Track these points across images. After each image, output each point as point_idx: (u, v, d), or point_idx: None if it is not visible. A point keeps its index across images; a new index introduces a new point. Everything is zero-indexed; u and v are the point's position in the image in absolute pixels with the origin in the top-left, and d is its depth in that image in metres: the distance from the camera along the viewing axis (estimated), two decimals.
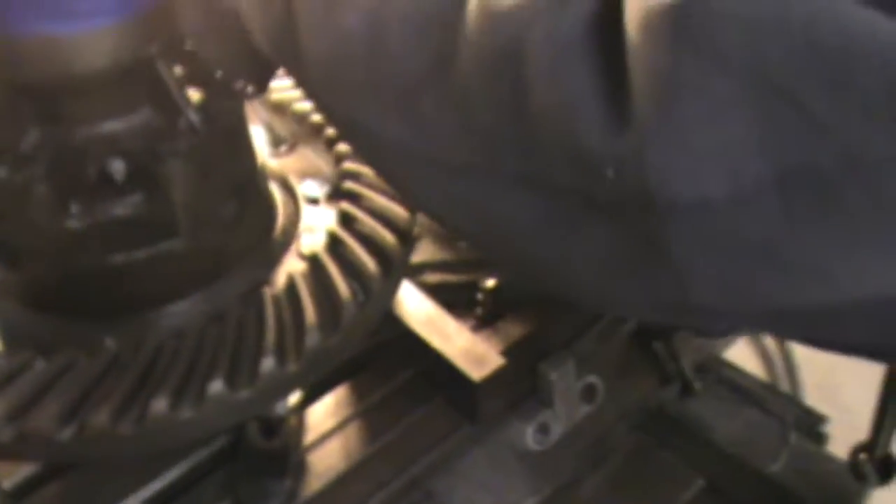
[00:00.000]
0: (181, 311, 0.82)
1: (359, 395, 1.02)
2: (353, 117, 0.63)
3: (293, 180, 0.97)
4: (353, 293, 0.79)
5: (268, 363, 0.73)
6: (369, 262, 0.81)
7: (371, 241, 0.84)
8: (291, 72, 0.69)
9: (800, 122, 0.43)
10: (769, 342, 2.09)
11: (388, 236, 0.84)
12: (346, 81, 0.61)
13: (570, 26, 0.48)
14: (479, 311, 1.11)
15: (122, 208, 0.77)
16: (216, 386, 0.71)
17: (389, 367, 1.04)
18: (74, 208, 0.75)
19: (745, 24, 0.43)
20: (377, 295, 0.81)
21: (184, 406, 0.71)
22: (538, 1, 0.50)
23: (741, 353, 2.04)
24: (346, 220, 0.86)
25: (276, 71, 0.79)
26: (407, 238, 0.86)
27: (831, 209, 0.44)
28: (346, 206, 0.87)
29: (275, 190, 0.95)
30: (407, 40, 0.56)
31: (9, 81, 0.74)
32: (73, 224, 0.75)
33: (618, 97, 0.47)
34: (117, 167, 0.77)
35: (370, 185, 0.90)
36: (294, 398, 0.98)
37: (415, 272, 1.12)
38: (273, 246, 0.88)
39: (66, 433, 0.69)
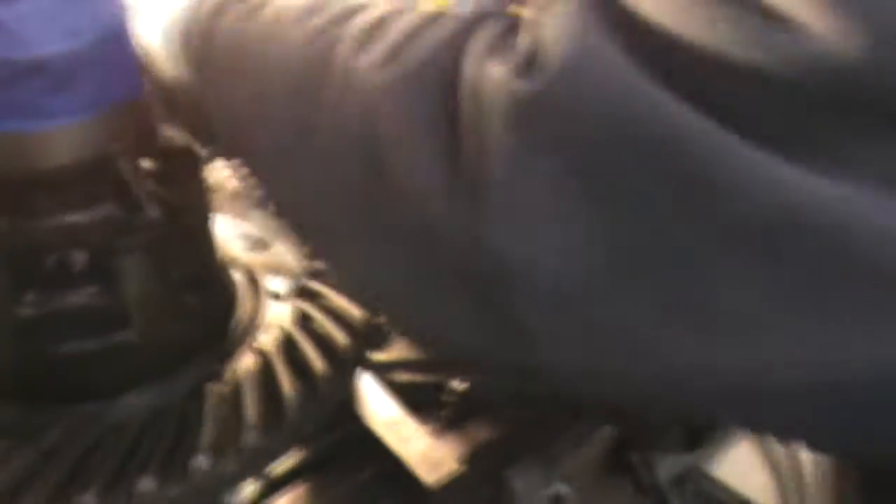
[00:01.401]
0: (129, 404, 0.82)
1: (317, 493, 1.02)
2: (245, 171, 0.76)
3: (260, 275, 0.98)
4: (298, 393, 0.79)
5: (201, 460, 0.73)
6: (318, 362, 0.82)
7: (324, 341, 0.85)
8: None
9: (626, 213, 0.47)
10: (779, 453, 2.05)
11: (340, 337, 0.85)
12: (238, 145, 0.73)
13: (418, 98, 0.53)
14: (444, 412, 1.11)
15: (77, 298, 0.78)
16: (146, 483, 0.71)
17: (350, 467, 1.04)
18: (29, 296, 0.77)
19: (579, 119, 0.47)
20: (323, 395, 0.81)
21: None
22: (394, 70, 0.55)
23: (748, 465, 2.00)
24: (301, 318, 0.87)
25: None
26: (360, 339, 0.87)
27: (647, 287, 0.48)
28: (302, 304, 0.88)
29: (239, 283, 0.97)
30: (279, 111, 0.63)
31: None
32: (25, 312, 0.77)
33: (457, 169, 0.51)
34: (75, 259, 0.79)
35: (333, 284, 0.91)
36: (247, 494, 0.98)
37: (385, 370, 1.13)
38: (229, 340, 0.89)
39: None
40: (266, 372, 0.81)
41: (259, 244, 1.04)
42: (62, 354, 0.80)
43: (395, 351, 1.15)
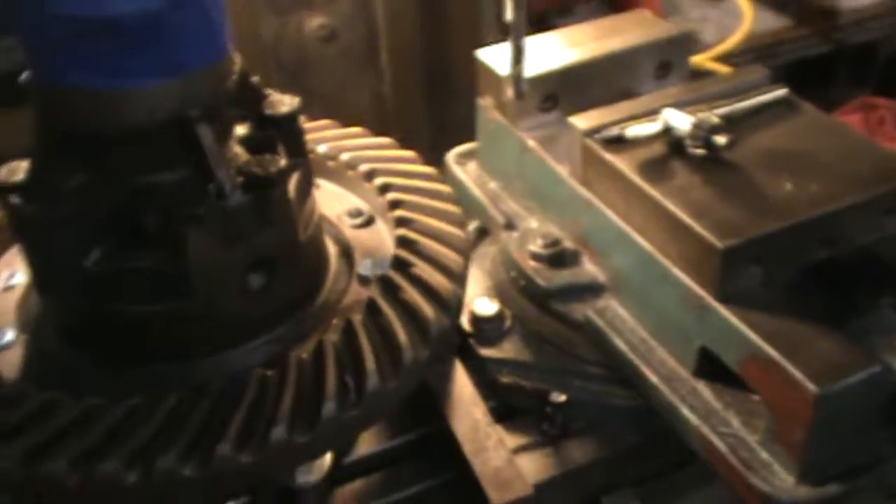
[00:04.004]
0: (203, 370, 0.81)
1: (388, 487, 0.97)
2: None
3: (357, 255, 0.94)
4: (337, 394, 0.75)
5: (279, 431, 0.71)
6: (370, 363, 0.76)
7: (388, 338, 0.80)
8: None
9: None
10: None
11: (402, 338, 0.79)
12: None
13: None
14: (544, 425, 1.02)
15: (142, 261, 0.77)
16: (223, 448, 0.70)
17: (425, 469, 0.98)
18: (96, 253, 0.77)
19: None
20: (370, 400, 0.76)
21: (190, 465, 0.71)
22: None
23: None
24: (372, 310, 0.82)
25: None
26: (425, 344, 0.80)
27: None
28: (377, 296, 0.83)
29: (334, 262, 0.93)
30: None
31: (63, 127, 0.76)
32: (91, 267, 0.77)
33: None
34: (147, 220, 0.78)
35: (415, 282, 0.85)
36: (320, 475, 0.95)
37: (493, 368, 1.06)
38: (304, 322, 0.86)
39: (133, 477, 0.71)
40: (316, 369, 0.77)
41: (364, 221, 0.99)
42: (127, 314, 0.79)
43: (507, 350, 1.08)
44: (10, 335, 0.86)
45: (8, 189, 0.77)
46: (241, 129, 0.86)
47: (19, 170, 0.79)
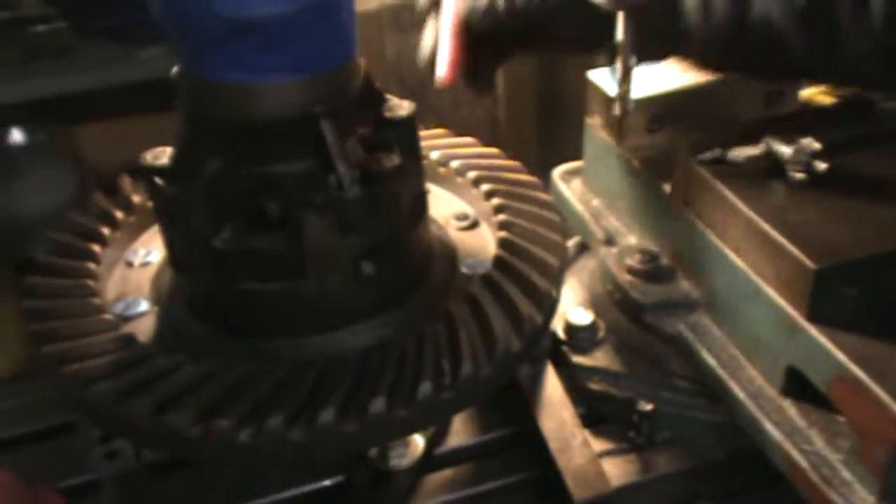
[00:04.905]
0: (308, 348, 0.88)
1: (478, 478, 1.02)
2: None
3: (460, 255, 1.00)
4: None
5: (377, 404, 0.77)
6: (466, 350, 0.82)
7: (483, 328, 0.85)
8: None
9: None
10: None
11: (499, 332, 0.84)
12: None
13: None
14: (631, 433, 1.06)
15: (263, 243, 0.85)
16: (326, 415, 0.77)
17: (516, 461, 1.03)
18: (223, 233, 0.85)
19: None
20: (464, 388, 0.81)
21: (296, 428, 0.78)
22: None
23: None
24: (471, 304, 0.87)
25: None
26: (521, 333, 0.85)
27: None
28: (476, 292, 0.88)
29: (438, 260, 0.99)
30: None
31: (203, 117, 0.85)
32: (219, 245, 0.85)
33: None
34: (271, 206, 0.86)
35: (513, 280, 0.90)
36: (412, 460, 1.01)
37: (584, 375, 1.10)
38: (409, 308, 0.92)
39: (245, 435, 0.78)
40: (416, 353, 0.83)
41: (469, 224, 1.05)
42: (245, 290, 0.87)
43: (599, 359, 1.11)
44: (144, 306, 0.95)
45: (154, 171, 0.86)
46: (361, 130, 0.93)
47: (164, 155, 0.88)
